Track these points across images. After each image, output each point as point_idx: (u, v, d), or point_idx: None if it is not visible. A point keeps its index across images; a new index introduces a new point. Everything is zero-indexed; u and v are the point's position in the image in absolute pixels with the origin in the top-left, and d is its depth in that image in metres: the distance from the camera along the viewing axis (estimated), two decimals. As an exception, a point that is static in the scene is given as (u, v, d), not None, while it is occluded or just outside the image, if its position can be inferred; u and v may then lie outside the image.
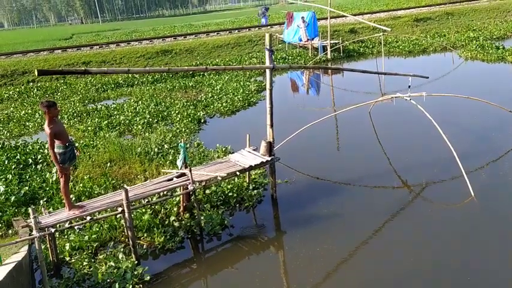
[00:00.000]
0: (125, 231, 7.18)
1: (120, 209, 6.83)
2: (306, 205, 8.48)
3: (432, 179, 9.06)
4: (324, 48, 24.61)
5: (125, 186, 7.83)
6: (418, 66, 21.45)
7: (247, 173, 8.93)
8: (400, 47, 25.74)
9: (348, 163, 10.48)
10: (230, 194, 8.63)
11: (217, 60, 25.40)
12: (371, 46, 26.60)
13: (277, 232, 7.91)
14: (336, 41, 25.22)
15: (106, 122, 14.02)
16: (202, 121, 14.34)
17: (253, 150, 8.91)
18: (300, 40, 26.27)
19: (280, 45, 27.92)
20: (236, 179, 9.04)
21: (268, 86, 8.35)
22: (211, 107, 15.73)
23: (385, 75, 18.23)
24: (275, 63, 22.49)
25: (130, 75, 21.85)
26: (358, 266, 6.68)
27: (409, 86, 10.47)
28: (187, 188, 7.60)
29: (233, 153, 9.33)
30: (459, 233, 7.17)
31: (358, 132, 12.51)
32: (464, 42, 24.80)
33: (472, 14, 34.73)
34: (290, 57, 24.62)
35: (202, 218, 7.75)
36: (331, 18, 25.88)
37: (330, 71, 22.72)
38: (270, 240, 7.62)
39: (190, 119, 14.11)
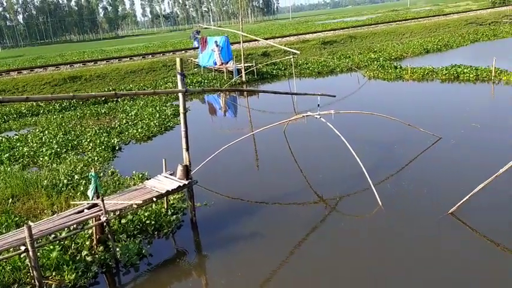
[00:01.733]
0: (30, 271, 6.57)
1: (23, 248, 6.26)
2: (226, 227, 8.43)
3: (345, 192, 9.51)
4: (239, 71, 25.13)
5: (29, 222, 7.21)
6: (328, 86, 22.68)
7: (164, 198, 8.70)
8: (310, 68, 27.11)
9: (267, 182, 10.66)
10: (148, 221, 8.32)
11: (131, 86, 24.79)
12: (283, 68, 27.69)
13: (198, 257, 7.74)
14: (250, 64, 25.89)
15: (7, 154, 12.93)
16: (117, 148, 13.79)
17: (170, 174, 8.72)
18: (215, 64, 26.60)
19: (195, 69, 28.03)
20: (153, 205, 8.76)
21: (181, 110, 8.28)
22: (126, 133, 15.23)
23: (296, 95, 19.01)
24: (191, 87, 22.66)
25: (35, 103, 20.52)
26: (280, 284, 6.73)
27: (319, 105, 11.01)
28: (100, 219, 7.19)
29: (149, 179, 9.06)
30: (371, 241, 7.56)
31: (275, 151, 12.83)
32: (367, 63, 26.77)
33: (372, 37, 37.71)
34: (206, 81, 24.78)
35: (117, 249, 7.36)
36: (244, 42, 26.58)
37: (246, 93, 23.19)
38: (191, 266, 7.43)
39: (103, 146, 13.51)
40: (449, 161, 10.69)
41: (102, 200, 7.13)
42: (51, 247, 7.20)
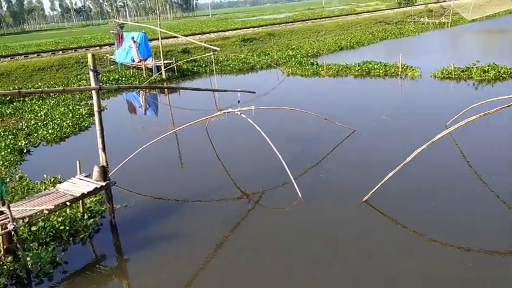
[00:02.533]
0: None
1: None
2: (148, 228, 8.20)
3: (267, 187, 9.68)
4: (158, 68, 24.52)
5: None
6: (248, 82, 22.93)
7: (80, 202, 8.24)
8: (231, 65, 27.24)
9: (190, 180, 10.53)
10: (61, 227, 7.82)
11: (39, 84, 23.12)
12: (204, 65, 27.51)
13: (119, 261, 7.44)
14: (170, 61, 25.39)
15: None
16: (25, 151, 12.80)
17: (86, 176, 8.28)
18: (133, 61, 25.71)
19: (112, 67, 26.87)
20: (68, 210, 8.25)
21: (96, 108, 7.88)
22: (35, 135, 14.19)
23: (217, 92, 19.01)
24: (107, 85, 21.66)
25: None
26: (204, 282, 6.69)
27: (239, 101, 11.09)
28: (7, 228, 6.63)
29: (62, 182, 8.52)
30: (292, 232, 7.78)
31: (197, 149, 12.71)
32: (285, 60, 27.49)
33: (290, 34, 38.78)
34: (123, 79, 23.87)
35: (28, 258, 6.84)
36: (163, 38, 26.03)
37: (166, 90, 22.69)
38: (111, 270, 7.12)
39: (9, 150, 12.47)
40: (362, 152, 11.34)
41: (9, 207, 6.57)
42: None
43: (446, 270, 6.34)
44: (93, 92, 7.82)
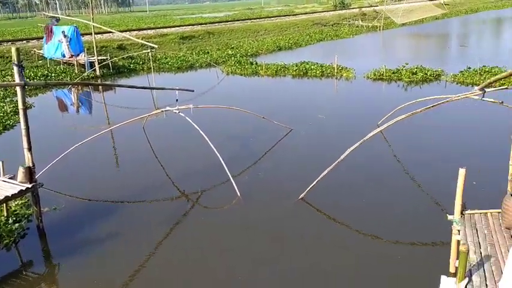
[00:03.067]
0: None
1: None
2: (80, 231, 7.83)
3: (206, 186, 9.60)
4: (92, 64, 23.52)
5: None
6: (188, 81, 22.65)
7: (4, 205, 7.69)
8: (169, 63, 26.74)
9: (126, 180, 10.20)
10: (-17, 233, 7.26)
11: (-42, 79, 21.31)
12: (141, 62, 26.78)
13: (48, 267, 7.03)
14: (104, 57, 24.43)
15: None
16: None
17: (10, 178, 7.74)
18: (64, 56, 24.46)
19: (40, 61, 25.39)
20: (-10, 215, 7.67)
21: (20, 106, 7.37)
22: (-47, 134, 13.07)
23: (155, 90, 18.57)
24: (35, 81, 20.40)
25: None
26: (141, 284, 6.50)
27: (177, 100, 10.90)
28: None
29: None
30: (231, 231, 7.78)
31: (135, 148, 12.33)
32: (225, 59, 27.44)
33: (229, 33, 38.78)
34: (53, 75, 22.61)
35: None
36: (97, 33, 25.00)
37: (101, 88, 21.81)
38: (39, 277, 6.71)
39: None
40: (299, 150, 11.58)
41: None
42: None
43: (377, 263, 6.63)
44: (18, 89, 7.34)
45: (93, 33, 24.54)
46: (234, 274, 6.56)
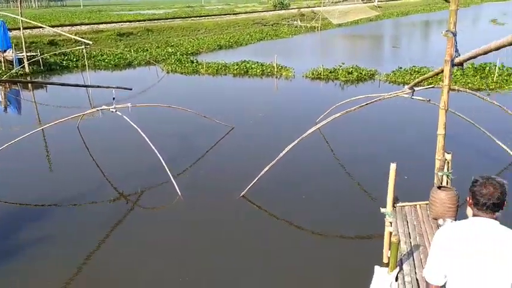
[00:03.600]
0: None
1: None
2: (7, 239, 7.36)
3: (146, 186, 9.40)
4: (20, 61, 22.15)
5: None
6: (126, 79, 21.97)
7: None
8: (106, 60, 25.81)
9: (60, 183, 9.73)
10: None
11: None
12: (75, 59, 25.63)
13: (-27, 278, 6.55)
14: (34, 54, 23.10)
15: None
16: None
17: None
18: (-11, 52, 22.81)
19: (-38, 57, 23.49)
20: None
21: None
22: None
23: (90, 88, 17.85)
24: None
25: None
26: (78, 285, 6.25)
27: (114, 98, 10.55)
28: None
29: None
30: (172, 230, 7.68)
31: (69, 149, 11.79)
32: (164, 57, 26.94)
33: (169, 31, 38.11)
34: (-23, 72, 21.05)
35: None
36: (26, 28, 23.55)
37: (30, 85, 20.59)
38: (-37, 290, 6.24)
39: None
40: (241, 148, 11.66)
41: None
42: None
43: (316, 256, 6.84)
44: None
45: (21, 28, 23.11)
46: (175, 275, 6.48)
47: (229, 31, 42.46)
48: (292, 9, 67.48)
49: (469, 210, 2.81)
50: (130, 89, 12.48)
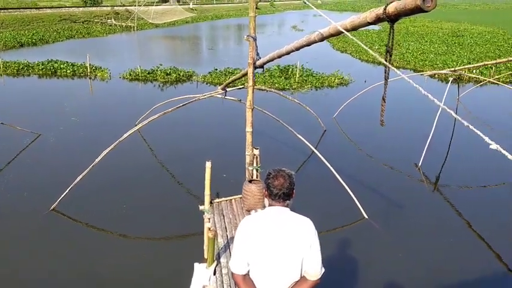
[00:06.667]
0: None
1: None
2: None
3: None
4: None
5: None
6: None
7: None
8: None
9: None
10: None
11: None
12: None
13: None
14: None
15: None
16: None
17: None
18: None
19: None
20: None
21: None
22: None
23: None
24: None
25: None
26: None
27: None
28: None
29: None
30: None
31: None
32: None
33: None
34: None
35: None
36: None
37: None
38: None
39: None
40: (50, 157, 10.56)
41: None
42: None
43: (141, 262, 6.64)
44: None
45: None
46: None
47: (32, 27, 38.07)
48: (105, 6, 64.19)
49: (266, 201, 3.08)
50: None
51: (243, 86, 12.65)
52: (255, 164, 6.64)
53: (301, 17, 73.56)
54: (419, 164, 10.33)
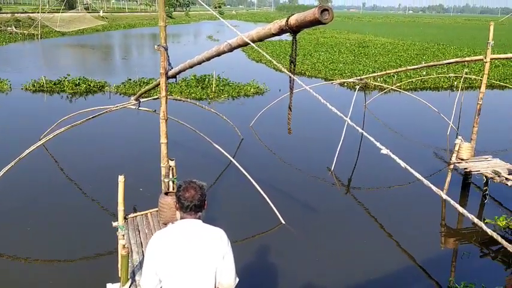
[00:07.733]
0: None
1: None
2: None
3: None
4: None
5: None
6: None
7: None
8: None
9: None
10: None
11: None
12: None
13: None
14: None
15: None
16: None
17: None
18: None
19: None
20: None
21: None
22: None
23: None
24: None
25: None
26: None
27: None
28: None
29: None
30: None
31: None
32: None
33: None
34: None
35: None
36: None
37: None
38: None
39: None
40: None
41: None
42: None
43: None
44: None
45: None
46: None
47: None
48: (4, 13, 59.37)
49: (178, 214, 3.01)
50: None
51: (158, 96, 12.38)
52: (171, 176, 6.49)
53: (216, 27, 74.00)
54: (332, 169, 10.82)
